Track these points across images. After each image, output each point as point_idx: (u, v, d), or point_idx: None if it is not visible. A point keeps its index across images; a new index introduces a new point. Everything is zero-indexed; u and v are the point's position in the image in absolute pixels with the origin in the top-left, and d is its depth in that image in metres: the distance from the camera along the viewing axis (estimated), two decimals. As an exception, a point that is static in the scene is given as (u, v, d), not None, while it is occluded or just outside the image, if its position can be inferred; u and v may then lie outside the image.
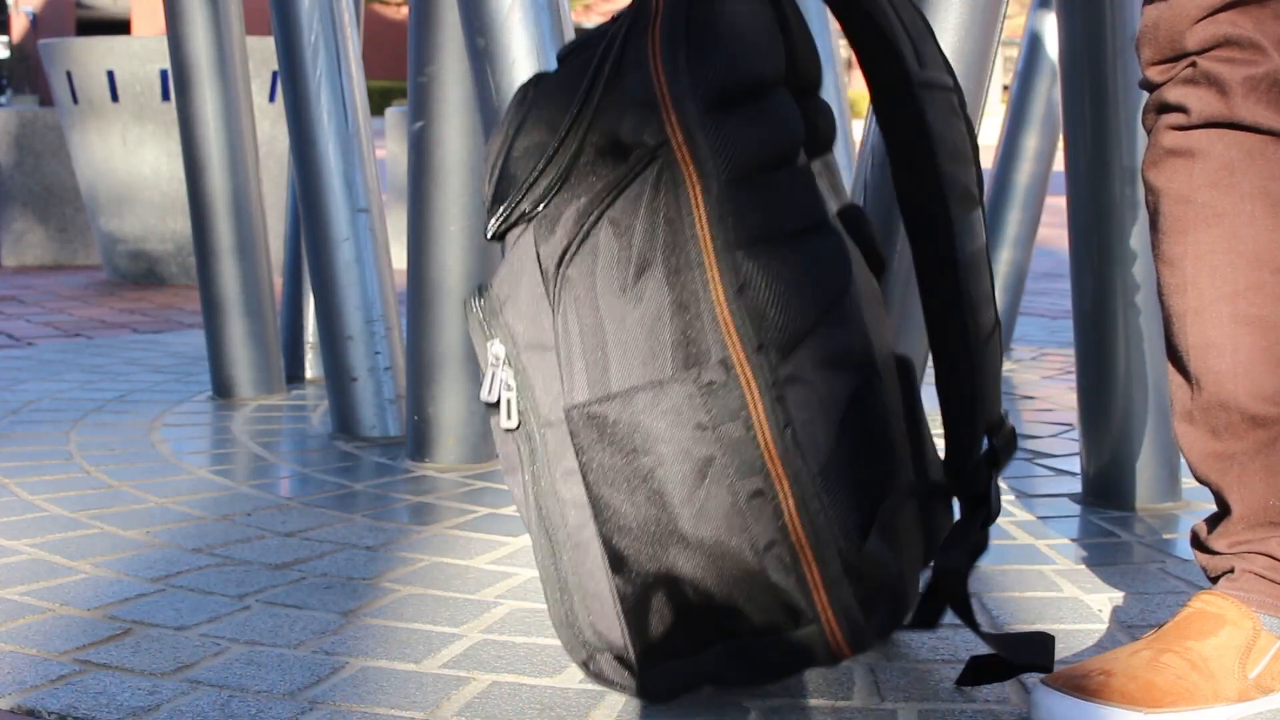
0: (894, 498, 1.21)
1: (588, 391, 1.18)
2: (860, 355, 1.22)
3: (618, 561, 1.19)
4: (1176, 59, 1.29)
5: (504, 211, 1.22)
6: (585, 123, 1.18)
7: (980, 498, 1.35)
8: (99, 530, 1.88)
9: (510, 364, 1.22)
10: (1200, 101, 1.27)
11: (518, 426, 1.23)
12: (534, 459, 1.22)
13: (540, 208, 1.20)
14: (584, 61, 1.21)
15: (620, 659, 1.22)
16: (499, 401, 1.24)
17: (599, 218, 1.18)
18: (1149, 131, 1.34)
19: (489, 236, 1.25)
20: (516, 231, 1.23)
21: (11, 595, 1.62)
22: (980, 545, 1.38)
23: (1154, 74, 1.31)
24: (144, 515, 1.96)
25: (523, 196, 1.20)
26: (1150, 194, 1.33)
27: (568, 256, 1.19)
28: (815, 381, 1.18)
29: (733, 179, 1.16)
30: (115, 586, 1.65)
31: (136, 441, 2.42)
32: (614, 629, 1.21)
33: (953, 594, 1.30)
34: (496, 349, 1.23)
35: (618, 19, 1.22)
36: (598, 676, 1.25)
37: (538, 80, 1.24)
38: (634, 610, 1.20)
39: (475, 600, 1.62)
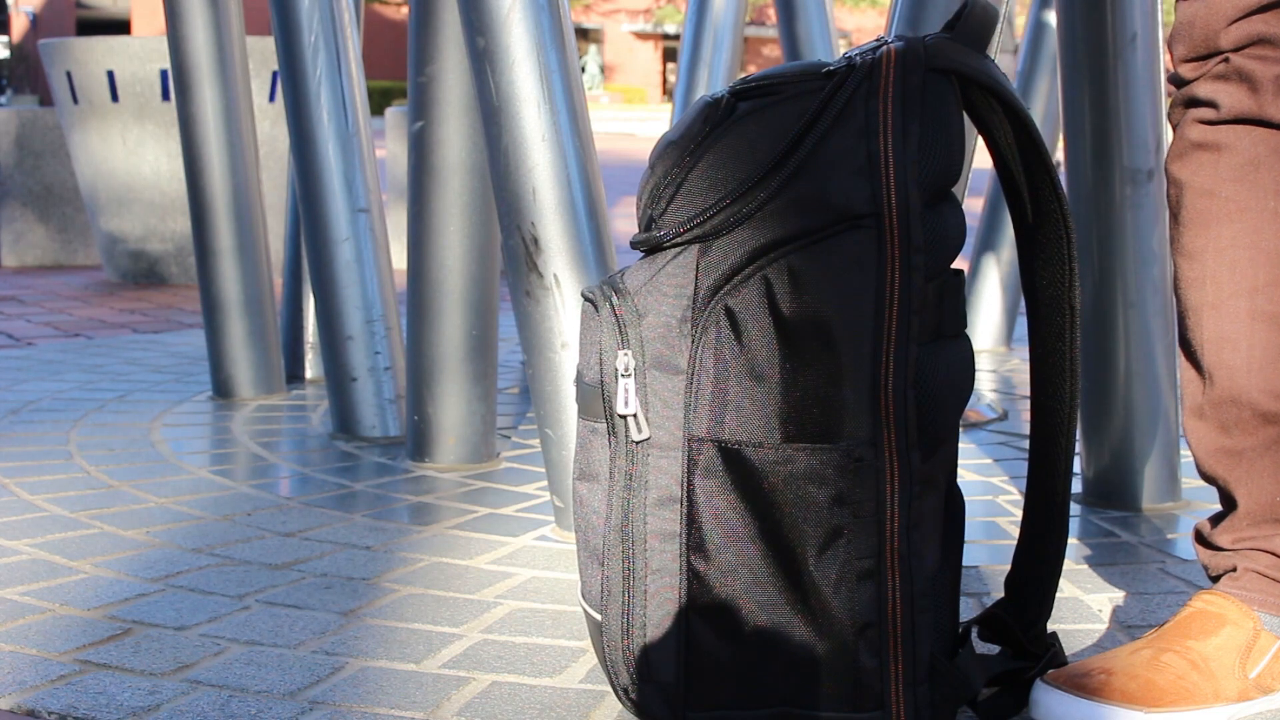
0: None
1: (711, 428, 1.18)
2: (955, 461, 1.26)
3: (701, 601, 1.19)
4: (1210, 56, 1.29)
5: (678, 229, 1.19)
6: (791, 168, 1.17)
7: (1037, 659, 1.33)
8: (99, 530, 1.88)
9: (634, 377, 1.21)
10: (1231, 97, 1.28)
11: (627, 442, 1.20)
12: (630, 478, 1.20)
13: (717, 235, 1.18)
14: (793, 104, 1.18)
15: (665, 694, 1.21)
16: (628, 415, 1.20)
17: (776, 261, 1.17)
18: (1174, 126, 1.34)
19: (644, 247, 1.22)
20: (678, 249, 1.20)
21: (11, 595, 1.62)
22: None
23: (1186, 70, 1.31)
24: (144, 515, 1.96)
25: (705, 220, 1.18)
26: (1173, 187, 1.33)
27: (731, 288, 1.17)
28: (939, 487, 1.22)
29: (927, 276, 1.17)
30: (115, 586, 1.65)
31: (136, 441, 2.42)
32: (669, 663, 1.20)
33: None
34: (629, 361, 1.20)
35: (832, 72, 1.19)
36: (636, 705, 1.24)
37: (730, 109, 1.20)
38: (702, 652, 1.19)
39: (475, 600, 1.62)
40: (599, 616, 1.24)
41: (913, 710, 1.19)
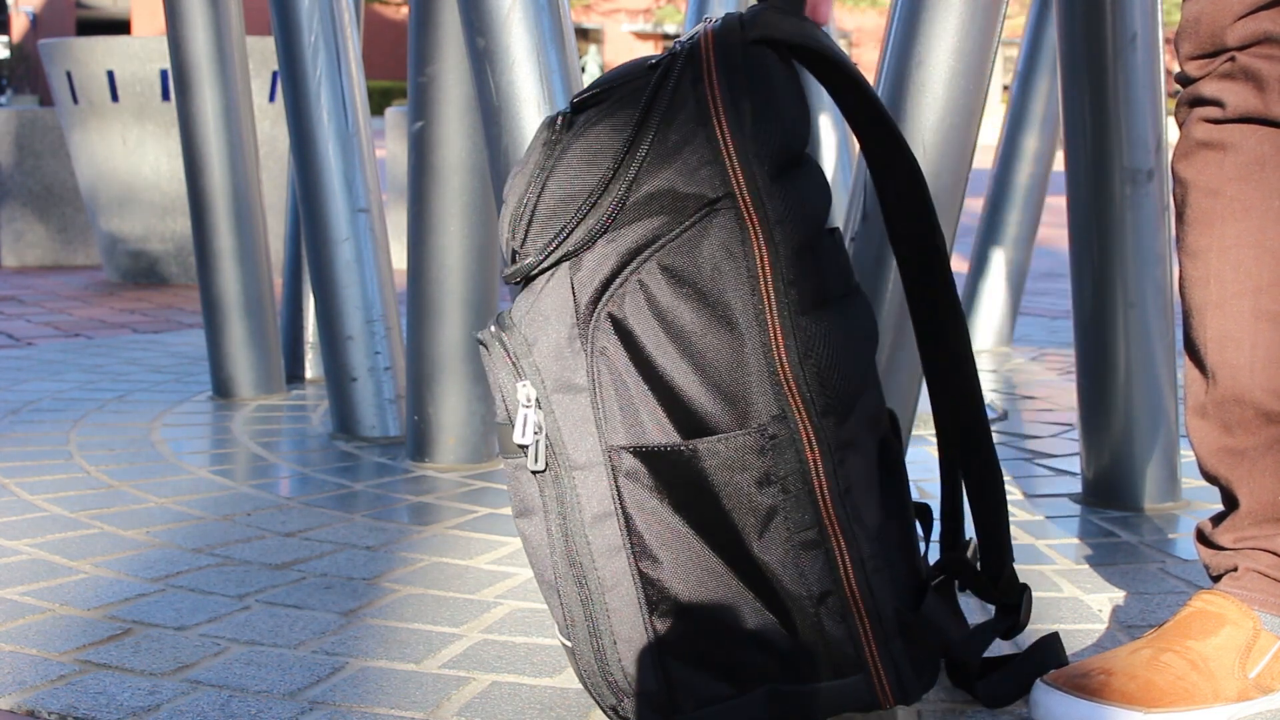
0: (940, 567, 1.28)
1: (627, 436, 1.17)
2: (883, 415, 1.25)
3: (661, 605, 1.19)
4: (1216, 54, 1.29)
5: (541, 254, 1.19)
6: (634, 169, 1.16)
7: (1012, 608, 1.37)
8: (99, 530, 1.88)
9: (540, 406, 1.21)
10: (1237, 96, 1.27)
11: (545, 469, 1.21)
12: (562, 503, 1.20)
13: (582, 249, 1.18)
14: (623, 106, 1.18)
15: (652, 703, 1.21)
16: (528, 445, 1.21)
17: (647, 261, 1.17)
18: (1180, 125, 1.34)
19: (515, 280, 1.22)
20: (549, 273, 1.21)
21: (11, 595, 1.62)
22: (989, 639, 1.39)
23: (1192, 68, 1.31)
24: (144, 515, 1.96)
25: (565, 239, 1.18)
26: (1178, 186, 1.33)
27: (609, 297, 1.17)
28: (866, 445, 1.21)
29: (794, 246, 1.17)
30: (115, 586, 1.65)
31: (136, 441, 2.42)
32: (648, 672, 1.20)
33: (966, 683, 1.33)
34: (529, 391, 1.20)
35: (655, 64, 1.19)
36: None
37: (568, 124, 1.21)
38: (675, 653, 1.20)
39: (475, 600, 1.62)
40: (570, 644, 1.24)
41: (891, 667, 1.19)
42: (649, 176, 1.17)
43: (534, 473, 1.21)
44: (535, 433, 1.19)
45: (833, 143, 3.32)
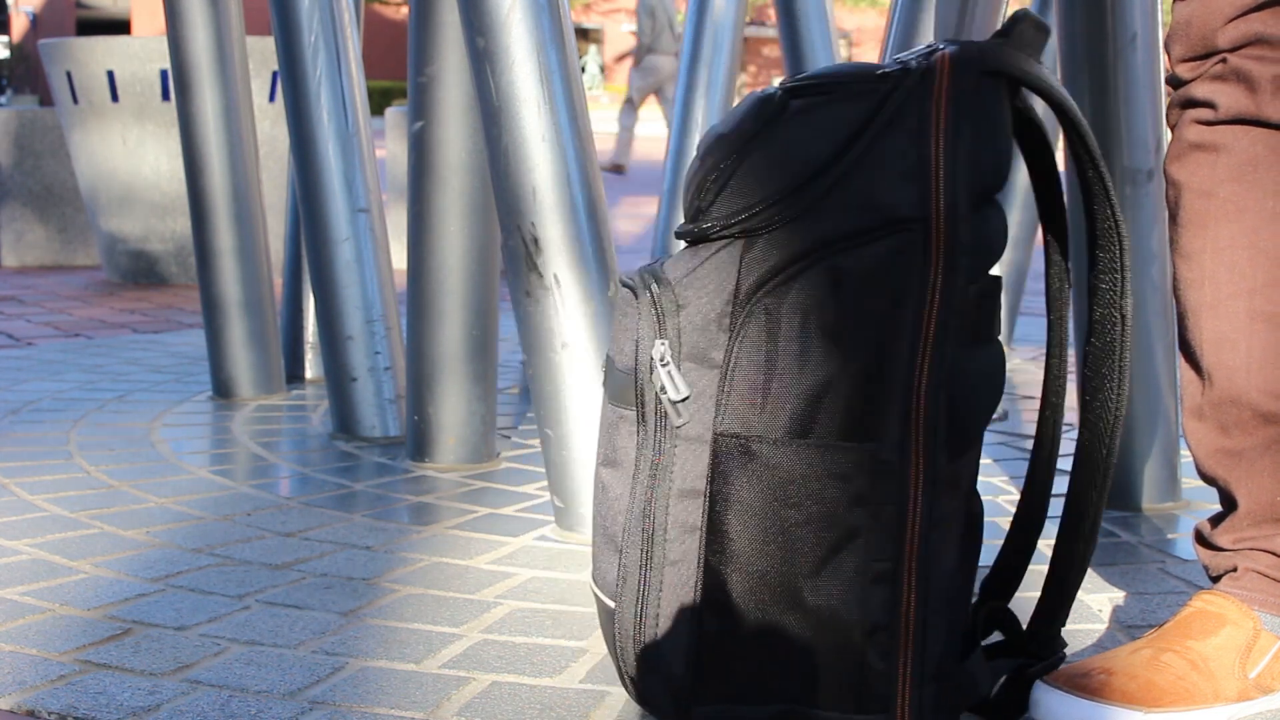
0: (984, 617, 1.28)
1: (742, 425, 1.17)
2: (977, 466, 1.25)
3: (715, 595, 1.19)
4: (1207, 56, 1.29)
5: (723, 222, 1.18)
6: (842, 169, 1.16)
7: (1051, 663, 1.33)
8: (99, 530, 1.88)
9: (669, 366, 1.20)
10: (1228, 97, 1.27)
11: (660, 429, 1.20)
12: (655, 466, 1.20)
13: (763, 231, 1.18)
14: (847, 103, 1.18)
15: (671, 685, 1.21)
16: (683, 399, 1.19)
17: (821, 261, 1.16)
18: (1173, 127, 1.34)
19: (688, 238, 1.21)
20: (722, 242, 1.20)
21: (11, 595, 1.62)
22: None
23: (1183, 70, 1.31)
24: (144, 515, 1.96)
25: (751, 216, 1.17)
26: (1171, 188, 1.33)
27: (773, 286, 1.17)
28: (963, 491, 1.21)
29: (968, 281, 1.17)
30: (115, 586, 1.65)
31: (136, 441, 2.42)
32: (679, 655, 1.20)
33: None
34: (664, 350, 1.19)
35: (885, 74, 1.18)
36: (640, 693, 1.24)
37: (783, 105, 1.20)
38: (712, 646, 1.20)
39: (475, 600, 1.62)
40: (612, 604, 1.24)
41: (917, 711, 1.19)
42: (853, 179, 1.16)
43: (677, 426, 1.20)
44: (660, 391, 1.19)
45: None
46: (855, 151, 1.16)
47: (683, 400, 1.19)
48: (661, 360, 1.19)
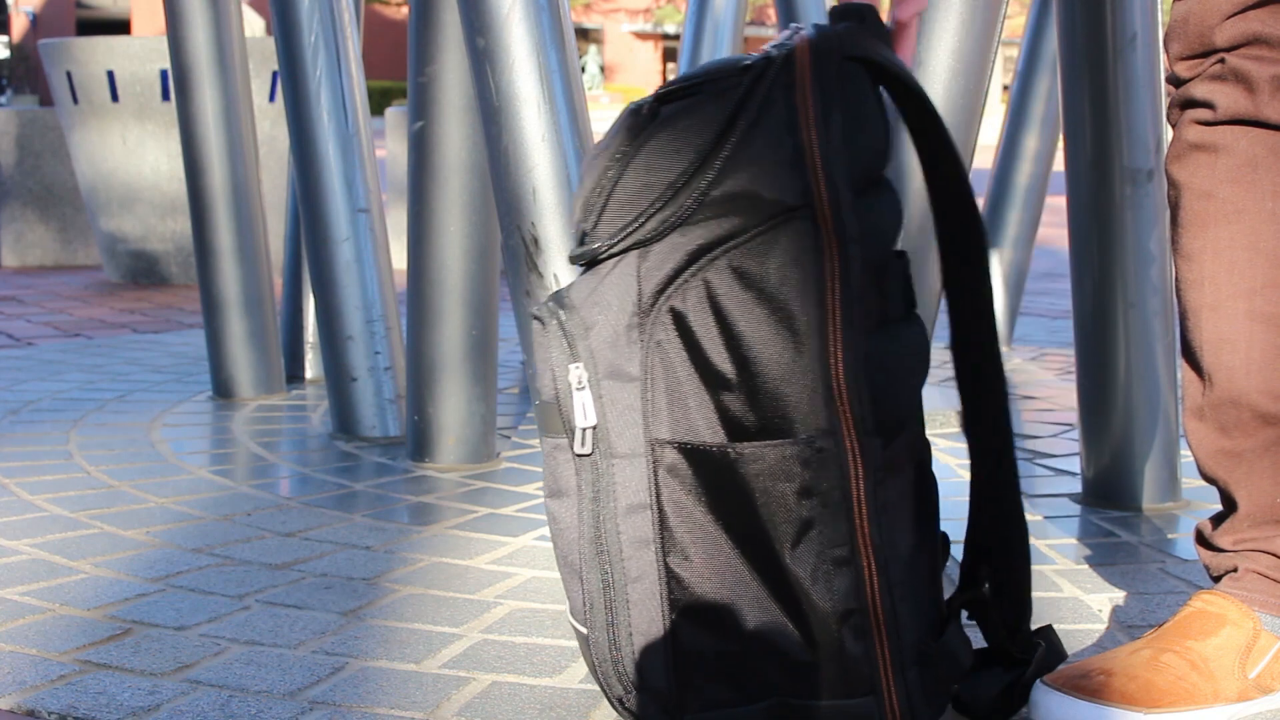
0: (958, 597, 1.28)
1: (672, 431, 1.17)
2: (922, 443, 1.25)
3: (684, 603, 1.19)
4: (1205, 55, 1.29)
5: (612, 239, 1.19)
6: (717, 166, 1.16)
7: (1022, 664, 1.32)
8: (99, 530, 1.88)
9: (590, 390, 1.21)
10: (1227, 98, 1.27)
11: (590, 454, 1.21)
12: (597, 489, 1.20)
13: (653, 240, 1.18)
14: (712, 102, 1.18)
15: (660, 700, 1.21)
16: (588, 427, 1.20)
17: (717, 260, 1.16)
18: (1173, 126, 1.34)
19: (581, 262, 1.22)
20: (616, 259, 1.20)
21: (11, 595, 1.62)
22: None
23: (1182, 69, 1.31)
24: (144, 515, 1.96)
25: (638, 227, 1.18)
26: (1171, 188, 1.33)
27: (674, 290, 1.17)
28: (905, 471, 1.21)
29: (866, 264, 1.17)
30: (115, 586, 1.65)
31: (136, 441, 2.42)
32: (659, 669, 1.20)
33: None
34: (581, 374, 1.20)
35: (748, 66, 1.19)
36: (634, 715, 1.24)
37: (653, 113, 1.20)
38: (690, 653, 1.19)
39: (475, 600, 1.62)
40: (585, 630, 1.24)
41: (904, 693, 1.19)
42: (730, 176, 1.16)
43: (579, 456, 1.21)
44: (585, 418, 1.19)
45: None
46: (728, 147, 1.16)
47: (591, 427, 1.19)
48: (578, 385, 1.20)
